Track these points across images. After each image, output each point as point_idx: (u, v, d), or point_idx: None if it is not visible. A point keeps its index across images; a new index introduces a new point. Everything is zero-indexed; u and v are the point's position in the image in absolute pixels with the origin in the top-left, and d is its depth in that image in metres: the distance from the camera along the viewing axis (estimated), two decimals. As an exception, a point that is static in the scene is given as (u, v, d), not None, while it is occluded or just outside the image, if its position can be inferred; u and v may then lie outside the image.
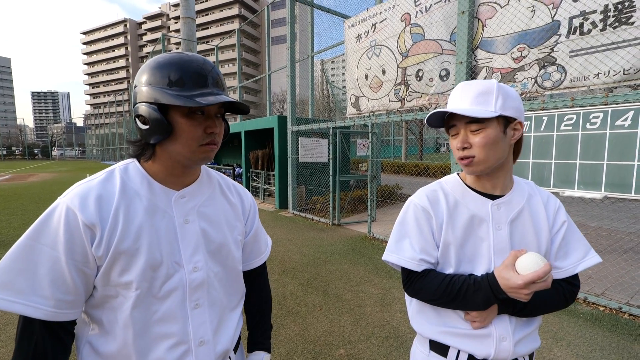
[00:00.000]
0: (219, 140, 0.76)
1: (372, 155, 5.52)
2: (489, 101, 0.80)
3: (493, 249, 0.85)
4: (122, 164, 0.77)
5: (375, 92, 5.25)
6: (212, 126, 0.72)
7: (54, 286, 0.64)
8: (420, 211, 0.91)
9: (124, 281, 0.69)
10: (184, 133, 0.70)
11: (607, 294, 3.11)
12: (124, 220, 0.69)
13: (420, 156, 18.16)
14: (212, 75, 0.72)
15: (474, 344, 0.85)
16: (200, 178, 0.83)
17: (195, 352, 0.75)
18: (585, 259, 0.87)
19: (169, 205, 0.75)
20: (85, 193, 0.68)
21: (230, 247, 0.84)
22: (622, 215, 6.31)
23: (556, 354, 2.31)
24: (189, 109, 0.69)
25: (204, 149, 0.73)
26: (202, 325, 0.76)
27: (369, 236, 5.33)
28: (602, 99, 2.85)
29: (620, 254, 4.10)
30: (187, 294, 0.75)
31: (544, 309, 0.85)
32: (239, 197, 0.92)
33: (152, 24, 77.51)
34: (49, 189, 11.10)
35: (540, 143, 3.28)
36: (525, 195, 0.89)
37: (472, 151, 0.82)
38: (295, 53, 7.38)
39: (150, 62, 0.72)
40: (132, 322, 0.69)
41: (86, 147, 51.22)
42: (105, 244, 0.68)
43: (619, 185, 2.86)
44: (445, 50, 4.16)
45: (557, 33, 3.14)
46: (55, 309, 0.65)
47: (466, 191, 0.90)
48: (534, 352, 0.91)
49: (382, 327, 2.65)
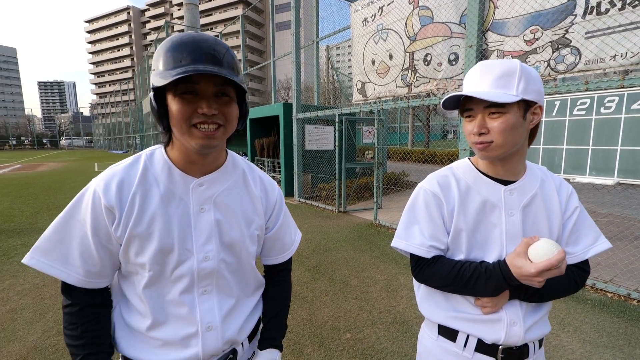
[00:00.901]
0: (222, 122, 0.70)
1: (378, 143, 5.47)
2: (510, 84, 0.75)
3: (505, 235, 0.83)
4: (150, 150, 0.79)
5: (382, 78, 5.15)
6: (202, 106, 0.67)
7: (82, 258, 0.72)
8: (431, 197, 0.89)
9: (139, 262, 0.74)
10: (174, 114, 0.68)
11: (615, 281, 3.08)
12: (139, 206, 0.73)
13: (427, 143, 17.98)
14: (205, 50, 0.66)
15: (483, 328, 0.84)
16: (224, 166, 0.82)
17: (203, 336, 0.77)
18: (595, 245, 0.85)
19: (187, 193, 0.76)
20: (110, 177, 0.73)
21: (245, 242, 0.82)
22: (634, 202, 6.21)
23: (563, 339, 2.31)
24: (176, 88, 0.66)
25: (198, 134, 0.68)
26: (209, 311, 0.78)
27: (375, 223, 5.34)
28: (618, 82, 2.76)
29: (630, 241, 4.05)
30: (196, 281, 0.76)
31: (555, 295, 0.84)
32: (264, 190, 0.89)
33: (155, 11, 76.65)
34: (58, 178, 11.28)
35: (552, 128, 3.20)
36: (538, 180, 0.87)
37: (489, 136, 0.78)
38: (300, 39, 7.25)
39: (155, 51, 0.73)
40: (147, 298, 0.75)
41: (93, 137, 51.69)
42: (123, 226, 0.72)
43: (633, 171, 2.80)
44: (455, 33, 4.05)
45: (572, 13, 3.02)
46: (84, 277, 0.72)
47: (478, 176, 0.88)
48: (543, 338, 0.89)
49: (388, 312, 2.67)
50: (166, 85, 0.65)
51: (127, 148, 33.73)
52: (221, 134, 0.71)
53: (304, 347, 2.24)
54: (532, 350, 0.85)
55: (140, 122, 25.50)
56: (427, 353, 0.94)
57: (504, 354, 0.83)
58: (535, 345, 0.86)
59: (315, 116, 6.62)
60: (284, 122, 7.55)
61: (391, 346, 2.24)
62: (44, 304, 2.81)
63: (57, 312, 2.68)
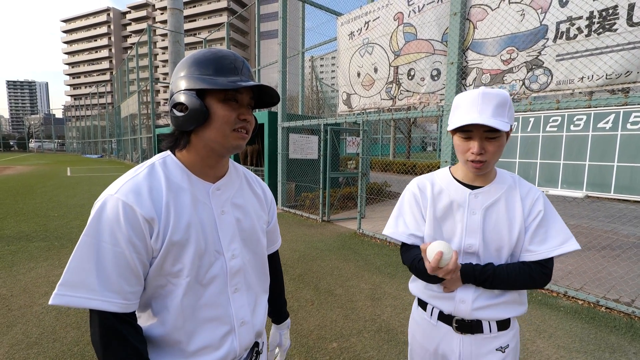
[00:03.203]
0: (250, 129, 0.80)
1: (362, 153, 5.56)
2: (504, 113, 0.90)
3: (465, 230, 1.01)
4: (159, 158, 0.79)
5: (367, 90, 5.29)
6: (245, 113, 0.77)
7: (122, 280, 0.68)
8: (412, 196, 1.10)
9: (176, 270, 0.73)
10: (219, 118, 0.74)
11: (585, 289, 3.26)
12: (174, 214, 0.73)
13: (407, 155, 18.41)
14: (245, 66, 0.77)
15: (442, 302, 1.05)
16: (229, 171, 0.88)
17: (238, 331, 0.81)
18: (562, 246, 0.96)
19: (207, 197, 0.80)
20: (138, 188, 0.71)
21: (259, 235, 0.90)
22: (600, 214, 6.60)
23: (539, 345, 2.41)
24: (224, 95, 0.74)
25: (236, 135, 0.76)
26: (242, 308, 0.83)
27: (359, 232, 5.39)
28: (585, 102, 2.97)
29: (598, 251, 4.30)
30: (228, 280, 0.81)
31: (507, 285, 0.97)
32: (261, 189, 0.98)
33: (137, 14, 75.22)
34: (26, 182, 10.69)
35: (527, 143, 3.39)
36: (505, 187, 1.02)
37: (485, 157, 0.93)
38: (286, 49, 7.34)
39: (187, 58, 0.77)
40: (182, 308, 0.74)
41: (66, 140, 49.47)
42: (162, 236, 0.71)
43: (600, 185, 3.00)
44: (437, 50, 4.23)
45: (544, 37, 3.24)
46: (126, 301, 0.68)
47: (451, 181, 1.06)
48: (509, 321, 1.03)
49: (373, 321, 2.70)
50: (209, 89, 0.72)
51: (102, 152, 32.48)
52: (247, 138, 0.80)
53: (290, 357, 2.22)
54: (486, 328, 1.01)
55: (118, 126, 24.70)
56: (412, 319, 1.19)
57: (458, 324, 1.02)
58: (492, 326, 1.01)
59: (300, 125, 6.66)
60: (269, 131, 7.55)
61: (377, 355, 2.26)
62: (11, 316, 2.64)
63: (27, 324, 2.53)
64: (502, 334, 1.03)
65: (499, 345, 1.02)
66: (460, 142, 0.97)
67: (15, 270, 3.53)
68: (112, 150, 29.21)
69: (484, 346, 1.02)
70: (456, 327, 1.02)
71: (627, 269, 3.71)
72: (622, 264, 3.88)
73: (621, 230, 5.45)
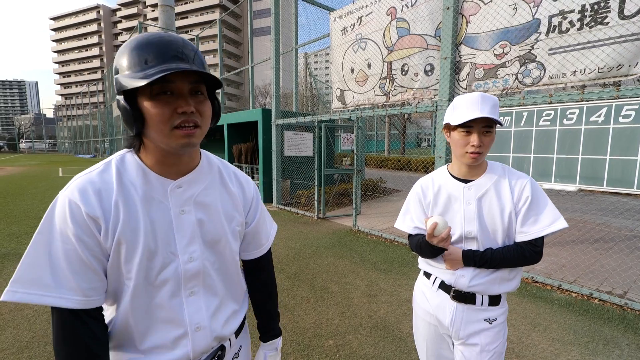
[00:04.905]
0: (200, 121, 0.70)
1: (357, 149, 5.55)
2: (496, 112, 1.09)
3: (464, 219, 1.17)
4: (119, 154, 0.76)
5: (360, 86, 5.26)
6: (182, 105, 0.66)
7: (77, 276, 0.67)
8: (416, 195, 1.29)
9: (125, 270, 0.71)
10: (152, 117, 0.66)
11: (579, 281, 3.29)
12: (124, 213, 0.70)
13: (402, 151, 18.44)
14: (175, 48, 0.65)
15: (444, 274, 1.22)
16: (199, 166, 0.81)
17: (192, 336, 0.77)
18: (550, 225, 1.09)
19: (165, 196, 0.75)
20: (85, 186, 0.69)
21: (228, 239, 0.83)
22: (592, 207, 6.67)
23: (534, 338, 2.43)
24: (151, 90, 0.65)
25: (179, 134, 0.67)
26: (197, 312, 0.78)
27: (354, 229, 5.39)
28: (578, 96, 2.98)
29: (591, 243, 4.34)
30: (182, 283, 0.76)
31: (502, 264, 1.12)
32: (239, 186, 0.89)
33: (128, 11, 74.14)
34: (17, 183, 10.52)
35: (520, 137, 3.40)
36: (494, 178, 1.16)
37: (482, 148, 1.09)
38: (279, 45, 7.27)
39: (117, 54, 0.70)
40: (133, 308, 0.72)
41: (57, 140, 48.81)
42: (110, 234, 0.69)
43: (592, 179, 3.02)
44: (430, 45, 4.22)
45: (537, 31, 3.24)
46: (84, 297, 0.67)
47: (448, 178, 1.23)
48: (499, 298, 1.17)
49: (369, 317, 2.69)
50: (138, 87, 0.63)
51: (95, 152, 32.10)
52: (199, 132, 0.71)
53: (286, 355, 2.21)
54: (479, 301, 1.16)
55: (110, 125, 24.40)
56: (416, 287, 1.37)
57: (455, 293, 1.18)
58: (485, 300, 1.16)
59: (294, 122, 6.62)
60: (263, 128, 7.50)
61: (373, 351, 2.26)
62: (1, 320, 2.59)
63: (17, 327, 2.49)
64: (492, 308, 1.17)
65: (487, 317, 1.17)
66: (461, 136, 1.12)
67: (5, 273, 3.46)
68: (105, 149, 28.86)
69: (473, 315, 1.17)
70: (453, 296, 1.18)
71: (620, 261, 3.75)
72: (614, 256, 3.92)
73: (613, 222, 5.52)
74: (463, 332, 1.18)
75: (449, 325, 1.20)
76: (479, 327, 1.17)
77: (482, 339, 1.16)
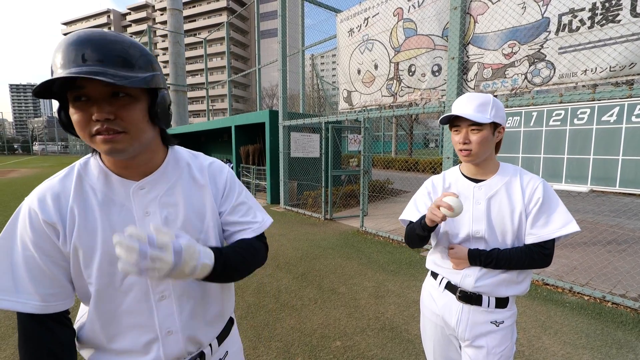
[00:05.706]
0: (120, 128, 0.64)
1: (364, 150, 5.54)
2: (486, 110, 1.09)
3: (472, 218, 1.16)
4: (84, 159, 0.76)
5: (367, 87, 5.26)
6: (97, 111, 0.61)
7: (35, 282, 0.67)
8: (425, 190, 1.31)
9: (86, 275, 0.71)
10: (74, 124, 0.64)
11: (591, 284, 3.22)
12: (79, 217, 0.70)
13: (410, 152, 18.33)
14: (76, 50, 0.59)
15: (450, 274, 1.22)
16: (165, 164, 0.78)
17: (163, 341, 0.76)
18: (561, 228, 1.07)
19: (127, 198, 0.73)
20: (43, 192, 0.70)
21: (200, 237, 0.79)
22: (605, 208, 6.53)
23: (545, 341, 2.39)
24: (71, 95, 0.62)
25: (99, 139, 0.63)
26: (169, 317, 0.76)
27: (361, 230, 5.37)
28: (589, 95, 2.93)
29: (604, 245, 4.26)
30: (150, 288, 0.74)
31: (509, 265, 1.10)
32: (211, 177, 0.84)
33: (137, 15, 75.36)
34: (31, 185, 10.77)
35: (530, 138, 3.36)
36: (506, 179, 1.16)
37: (470, 146, 1.11)
38: (286, 47, 7.31)
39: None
40: (98, 314, 0.72)
41: (69, 142, 49.73)
42: (68, 240, 0.69)
43: (604, 179, 2.96)
44: (438, 45, 4.19)
45: (546, 30, 3.20)
46: (43, 302, 0.67)
47: (459, 177, 1.24)
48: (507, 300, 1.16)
49: (377, 319, 2.69)
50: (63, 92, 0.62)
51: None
52: (125, 137, 0.65)
53: (293, 355, 2.22)
54: (485, 302, 1.15)
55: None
56: (424, 288, 1.37)
57: (460, 294, 1.17)
58: (491, 301, 1.15)
59: (301, 124, 6.64)
60: (270, 130, 7.54)
61: (381, 353, 2.25)
62: (13, 324, 2.66)
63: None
64: (499, 311, 1.16)
65: (494, 319, 1.16)
66: (453, 135, 1.16)
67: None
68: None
69: (479, 317, 1.16)
70: (458, 297, 1.18)
71: (634, 263, 3.67)
72: (628, 258, 3.84)
73: (627, 224, 5.40)
74: (469, 334, 1.17)
75: (454, 326, 1.19)
76: (486, 329, 1.15)
77: (488, 341, 1.15)
